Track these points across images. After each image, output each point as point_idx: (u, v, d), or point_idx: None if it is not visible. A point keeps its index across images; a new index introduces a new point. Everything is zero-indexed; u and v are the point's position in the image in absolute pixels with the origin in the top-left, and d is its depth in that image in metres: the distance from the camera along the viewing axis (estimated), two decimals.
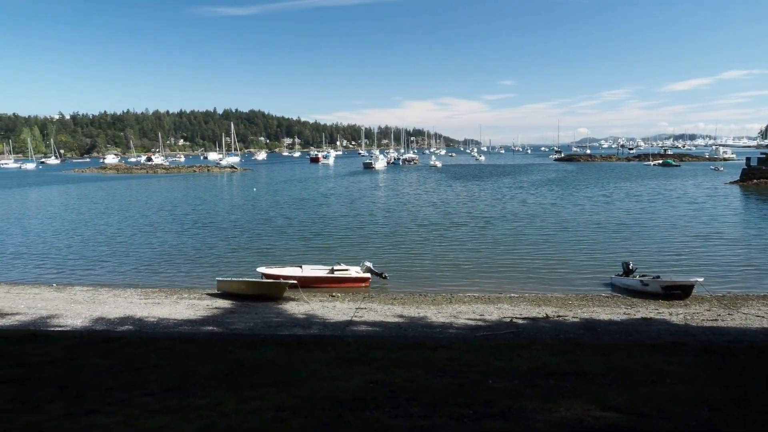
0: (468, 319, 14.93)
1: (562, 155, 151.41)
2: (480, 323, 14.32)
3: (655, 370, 7.56)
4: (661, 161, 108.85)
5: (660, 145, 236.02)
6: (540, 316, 15.14)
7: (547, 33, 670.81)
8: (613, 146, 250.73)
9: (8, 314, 15.21)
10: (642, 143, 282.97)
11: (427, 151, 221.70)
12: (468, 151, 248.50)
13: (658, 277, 18.42)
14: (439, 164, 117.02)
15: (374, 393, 6.26)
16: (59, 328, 13.30)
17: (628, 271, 19.23)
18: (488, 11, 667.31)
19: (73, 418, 5.47)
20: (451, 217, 37.08)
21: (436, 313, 15.68)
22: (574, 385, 6.68)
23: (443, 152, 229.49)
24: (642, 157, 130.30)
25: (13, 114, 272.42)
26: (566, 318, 14.85)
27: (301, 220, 36.95)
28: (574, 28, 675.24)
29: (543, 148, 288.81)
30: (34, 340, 9.97)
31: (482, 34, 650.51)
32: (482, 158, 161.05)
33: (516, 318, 14.84)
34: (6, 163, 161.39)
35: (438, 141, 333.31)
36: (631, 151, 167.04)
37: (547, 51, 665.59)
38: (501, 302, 17.32)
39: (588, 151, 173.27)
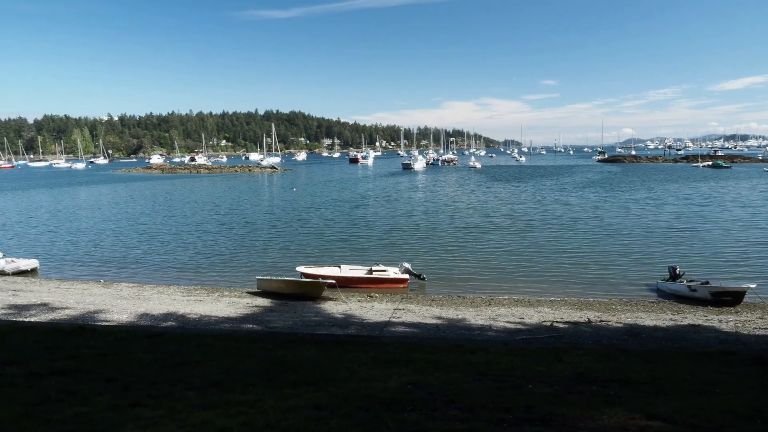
0: (507, 322, 14.73)
1: (606, 156, 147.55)
2: (519, 327, 14.11)
3: (704, 380, 7.27)
4: (710, 162, 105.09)
5: (710, 145, 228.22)
6: (581, 320, 14.81)
7: (591, 32, 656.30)
8: (659, 147, 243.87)
9: (59, 308, 15.79)
10: (690, 144, 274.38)
11: (466, 152, 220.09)
12: (508, 152, 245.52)
13: (707, 282, 17.76)
14: (478, 165, 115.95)
15: (412, 395, 6.22)
16: (106, 323, 13.73)
17: (674, 276, 18.64)
18: (531, 12, 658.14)
19: (120, 410, 5.63)
20: (490, 219, 36.70)
21: (475, 316, 15.53)
22: (618, 392, 6.49)
23: (483, 153, 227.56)
24: (690, 158, 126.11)
25: (65, 115, 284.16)
26: (609, 323, 14.48)
27: (340, 221, 37.20)
28: (620, 27, 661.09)
29: (586, 149, 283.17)
30: (83, 334, 10.31)
31: (525, 34, 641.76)
32: (523, 159, 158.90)
33: (556, 322, 14.56)
34: (58, 163, 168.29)
35: (478, 142, 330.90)
36: (679, 152, 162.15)
37: (591, 50, 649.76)
38: (541, 305, 17.04)
39: (633, 152, 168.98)
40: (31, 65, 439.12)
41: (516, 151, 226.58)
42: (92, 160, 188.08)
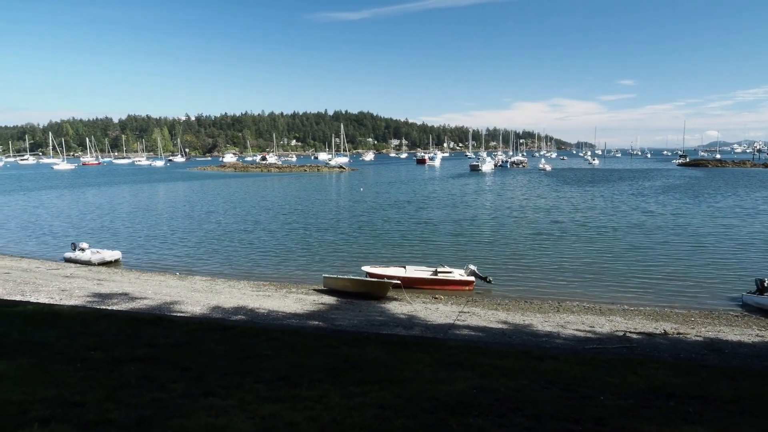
0: (576, 330, 14.26)
1: (688, 160, 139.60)
2: (589, 335, 13.62)
3: None
4: None
5: None
6: (657, 331, 14.11)
7: (673, 28, 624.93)
8: (747, 150, 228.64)
9: (138, 298, 16.66)
10: None
11: (536, 154, 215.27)
12: (581, 154, 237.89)
13: None
14: (548, 168, 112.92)
15: (478, 399, 6.12)
16: (181, 314, 14.34)
17: (762, 289, 17.42)
18: (607, 7, 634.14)
19: (193, 399, 5.85)
20: (559, 224, 35.66)
21: (542, 322, 15.13)
22: (698, 409, 6.12)
23: (554, 155, 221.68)
24: None
25: (147, 115, 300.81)
26: (687, 336, 13.72)
27: (405, 222, 37.23)
28: (705, 22, 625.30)
29: (665, 152, 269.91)
30: (160, 324, 10.82)
31: (601, 31, 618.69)
32: (596, 162, 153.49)
33: (629, 332, 13.96)
34: (139, 160, 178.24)
35: (549, 144, 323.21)
36: None
37: (674, 47, 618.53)
38: (613, 314, 16.39)
39: (718, 156, 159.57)
40: (117, 68, 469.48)
41: (589, 153, 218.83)
42: (170, 158, 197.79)
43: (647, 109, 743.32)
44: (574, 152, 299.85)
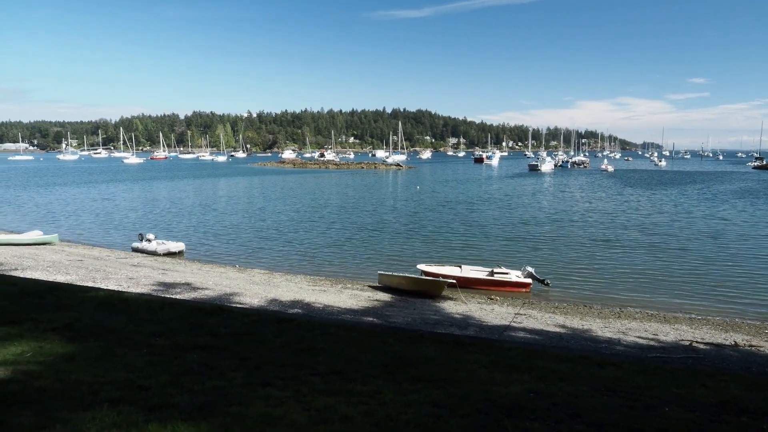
0: (638, 337, 13.74)
1: (765, 162, 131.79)
2: (653, 343, 13.08)
3: None
4: None
5: None
6: (727, 343, 13.40)
7: (751, 23, 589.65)
8: None
9: (200, 288, 17.25)
10: None
11: (599, 155, 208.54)
12: (646, 155, 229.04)
13: None
14: (610, 168, 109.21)
15: (535, 403, 5.99)
16: (240, 306, 14.74)
17: None
18: (679, 3, 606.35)
19: (252, 388, 6.00)
20: (623, 227, 34.42)
21: (602, 327, 14.66)
22: None
23: (618, 156, 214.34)
24: None
25: (211, 112, 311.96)
26: (761, 349, 12.96)
27: (461, 221, 36.90)
28: None
29: (739, 154, 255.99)
30: (221, 314, 11.15)
31: (670, 26, 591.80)
32: (663, 163, 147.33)
33: (696, 342, 13.32)
34: (203, 156, 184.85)
35: (612, 144, 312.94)
36: None
37: (750, 43, 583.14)
38: (678, 323, 15.68)
39: None
40: (184, 65, 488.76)
41: (655, 154, 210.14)
42: (232, 153, 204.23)
43: (720, 109, 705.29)
44: (640, 153, 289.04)
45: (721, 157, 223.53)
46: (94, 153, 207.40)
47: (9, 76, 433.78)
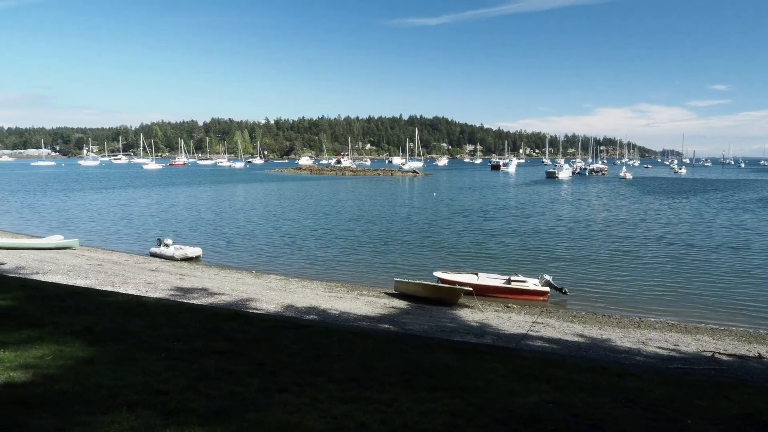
0: (659, 347, 13.52)
1: None
2: (673, 354, 12.87)
3: None
4: None
5: None
6: (750, 354, 13.13)
7: None
8: None
9: (217, 293, 17.35)
10: None
11: (618, 162, 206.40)
12: (666, 162, 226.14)
13: None
14: (629, 176, 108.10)
15: (554, 414, 5.90)
16: (257, 311, 14.79)
17: None
18: (698, 7, 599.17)
19: (269, 394, 5.99)
20: (641, 236, 34.00)
21: (621, 337, 14.46)
22: None
23: (637, 163, 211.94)
24: None
25: (229, 118, 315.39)
26: None
27: (478, 228, 36.74)
28: None
29: (762, 162, 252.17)
30: (237, 319, 11.18)
31: (690, 33, 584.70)
32: (683, 171, 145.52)
33: (719, 353, 13.07)
34: (221, 162, 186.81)
35: (632, 151, 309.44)
36: None
37: None
38: (700, 333, 15.42)
39: None
40: (203, 72, 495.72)
41: (675, 162, 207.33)
42: (250, 159, 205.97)
43: (742, 116, 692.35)
44: (659, 160, 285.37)
45: (743, 165, 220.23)
46: (115, 159, 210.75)
47: (34, 83, 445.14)
